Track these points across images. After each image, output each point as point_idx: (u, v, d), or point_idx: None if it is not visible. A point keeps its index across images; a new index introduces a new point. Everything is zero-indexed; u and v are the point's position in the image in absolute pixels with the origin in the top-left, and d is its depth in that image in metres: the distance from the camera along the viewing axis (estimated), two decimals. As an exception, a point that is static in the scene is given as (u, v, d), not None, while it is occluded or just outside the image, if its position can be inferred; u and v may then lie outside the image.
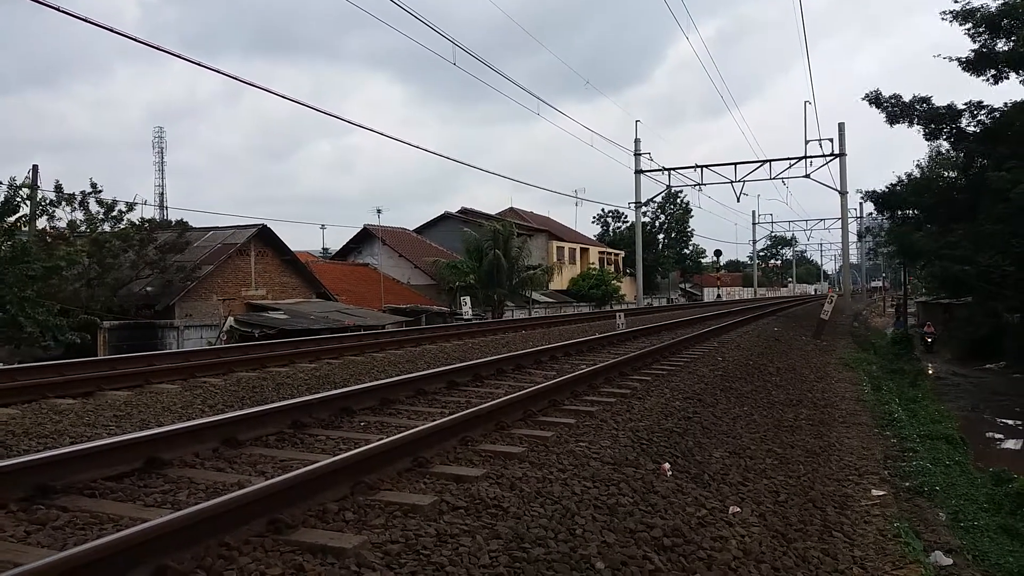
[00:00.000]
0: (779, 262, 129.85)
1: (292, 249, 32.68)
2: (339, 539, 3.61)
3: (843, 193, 37.13)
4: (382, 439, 5.19)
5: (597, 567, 3.75)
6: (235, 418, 5.75)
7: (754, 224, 78.20)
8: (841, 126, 36.29)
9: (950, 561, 5.98)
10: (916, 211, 33.96)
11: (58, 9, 9.02)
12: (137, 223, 25.87)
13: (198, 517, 3.40)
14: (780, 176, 37.52)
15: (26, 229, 21.69)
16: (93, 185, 24.67)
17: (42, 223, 23.99)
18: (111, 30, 10.44)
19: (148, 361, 10.58)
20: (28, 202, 20.30)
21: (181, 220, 29.50)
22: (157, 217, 36.97)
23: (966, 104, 29.57)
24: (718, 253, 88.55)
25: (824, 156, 35.86)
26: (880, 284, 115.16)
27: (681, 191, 67.22)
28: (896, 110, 30.16)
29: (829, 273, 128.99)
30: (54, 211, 23.79)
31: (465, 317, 30.47)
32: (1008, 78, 28.19)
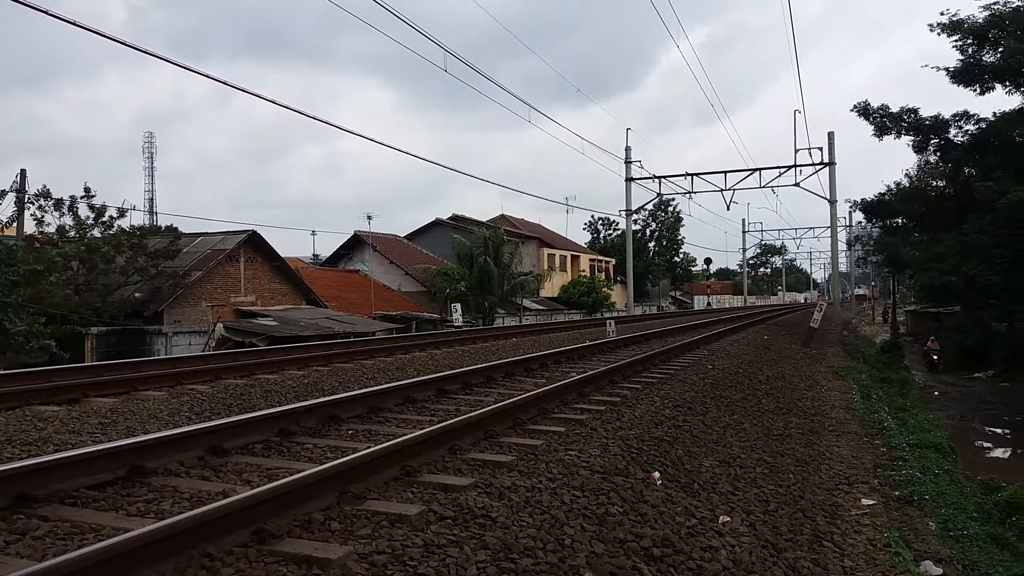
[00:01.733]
0: (769, 270, 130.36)
1: (282, 255, 32.54)
2: (324, 549, 3.56)
3: (832, 202, 37.29)
4: (369, 447, 5.15)
5: (586, 578, 3.71)
6: (221, 426, 5.69)
7: (744, 232, 78.60)
8: (830, 135, 36.47)
9: (940, 571, 5.97)
10: (905, 220, 34.19)
11: (46, 12, 8.97)
12: (128, 229, 25.70)
13: (181, 527, 3.35)
14: (770, 185, 37.66)
15: (6, 232, 21.52)
16: (87, 189, 24.50)
17: (31, 228, 23.85)
18: (100, 33, 10.39)
19: (135, 368, 10.49)
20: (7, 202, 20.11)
21: (171, 226, 29.37)
22: (147, 222, 36.73)
23: (953, 115, 29.83)
24: (708, 261, 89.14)
25: (814, 165, 36.02)
26: (865, 292, 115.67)
27: (672, 199, 67.61)
28: (884, 120, 30.37)
29: (819, 282, 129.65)
30: (43, 215, 23.65)
31: (456, 324, 30.39)
32: (994, 89, 28.46)
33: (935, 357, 32.74)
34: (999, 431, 19.90)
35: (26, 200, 22.97)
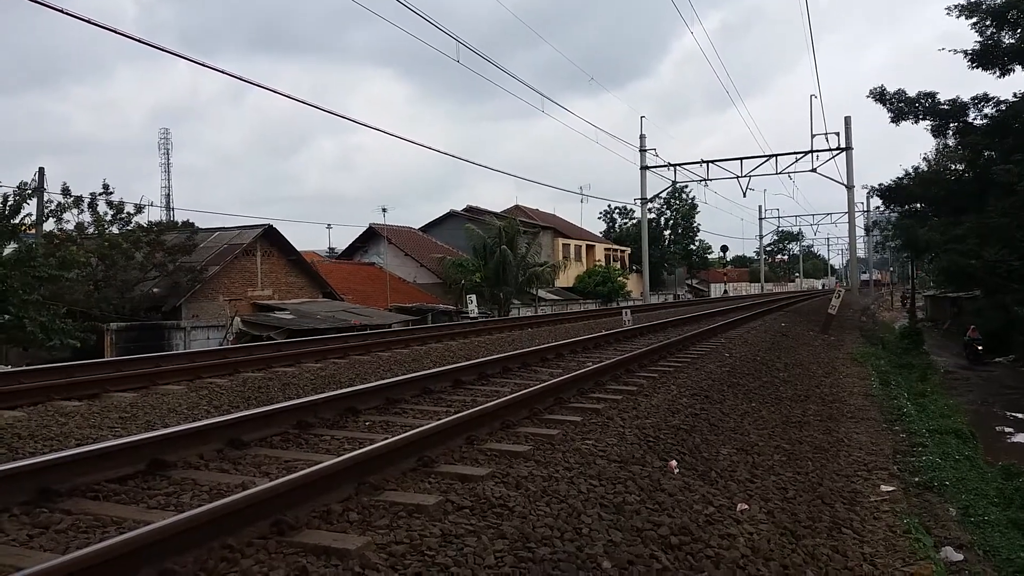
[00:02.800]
0: (786, 257, 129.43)
1: (298, 249, 32.68)
2: (343, 540, 3.58)
3: (850, 187, 36.97)
4: (387, 439, 5.17)
5: (604, 566, 3.72)
6: (240, 419, 5.73)
7: (760, 219, 78.16)
8: (847, 120, 36.16)
9: (961, 557, 5.93)
10: (923, 204, 33.83)
11: (60, 10, 9.03)
12: (145, 225, 25.94)
13: (201, 519, 3.38)
14: (786, 171, 37.40)
15: (32, 231, 21.75)
16: (105, 186, 24.84)
17: (49, 225, 24.08)
18: (114, 31, 10.45)
19: (154, 362, 10.58)
20: (29, 204, 20.30)
21: (188, 221, 29.57)
22: (164, 218, 37.06)
23: (972, 98, 29.44)
24: (724, 249, 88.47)
25: (831, 150, 35.74)
26: (878, 277, 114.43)
27: (687, 187, 67.24)
28: (901, 105, 30.01)
29: (836, 268, 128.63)
30: (62, 214, 23.90)
31: (471, 315, 30.45)
32: (1014, 71, 28.04)
33: (979, 347, 29.85)
34: (1020, 416, 19.69)
35: (48, 211, 23.17)
